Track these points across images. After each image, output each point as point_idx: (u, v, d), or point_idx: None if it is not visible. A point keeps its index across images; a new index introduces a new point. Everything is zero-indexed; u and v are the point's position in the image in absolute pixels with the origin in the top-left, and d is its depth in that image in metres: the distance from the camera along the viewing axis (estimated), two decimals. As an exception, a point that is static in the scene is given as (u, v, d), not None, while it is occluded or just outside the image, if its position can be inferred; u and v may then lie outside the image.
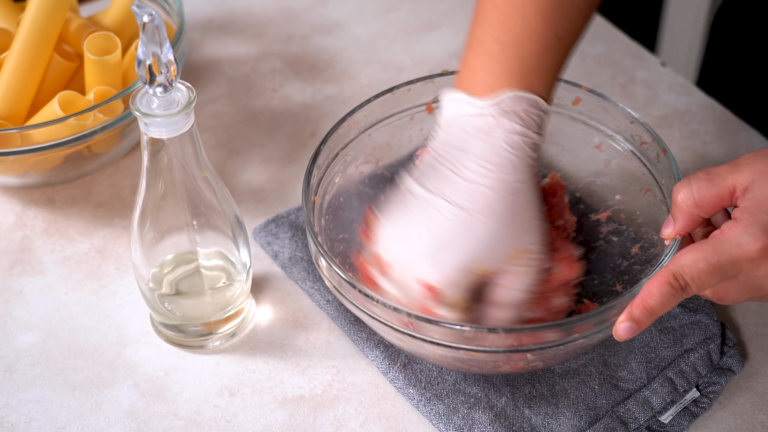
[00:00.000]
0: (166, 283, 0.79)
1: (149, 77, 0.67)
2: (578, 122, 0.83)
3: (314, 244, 0.72)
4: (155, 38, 0.65)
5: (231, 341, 0.81)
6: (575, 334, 0.67)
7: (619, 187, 0.83)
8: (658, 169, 0.78)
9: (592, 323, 0.67)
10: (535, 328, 0.67)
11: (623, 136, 0.81)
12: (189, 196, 0.74)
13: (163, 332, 0.81)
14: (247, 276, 0.80)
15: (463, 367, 0.74)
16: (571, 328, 0.67)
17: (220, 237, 0.77)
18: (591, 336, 0.68)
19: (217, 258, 0.79)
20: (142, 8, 0.64)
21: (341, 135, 0.81)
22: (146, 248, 0.76)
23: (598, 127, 0.82)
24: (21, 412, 0.77)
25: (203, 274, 0.79)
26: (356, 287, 0.69)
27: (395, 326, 0.69)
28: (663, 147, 0.77)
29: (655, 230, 0.78)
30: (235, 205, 0.77)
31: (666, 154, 0.76)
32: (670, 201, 0.75)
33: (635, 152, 0.80)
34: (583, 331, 0.68)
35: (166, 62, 0.66)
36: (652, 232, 0.78)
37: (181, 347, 0.81)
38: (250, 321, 0.83)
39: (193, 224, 0.76)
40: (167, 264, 0.79)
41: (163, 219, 0.75)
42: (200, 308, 0.79)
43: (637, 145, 0.80)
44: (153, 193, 0.73)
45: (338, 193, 0.82)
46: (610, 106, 0.81)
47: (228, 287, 0.79)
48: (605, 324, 0.68)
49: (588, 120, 0.83)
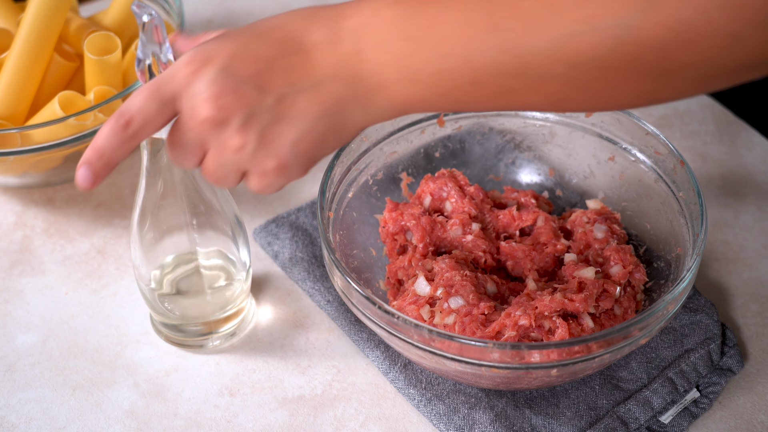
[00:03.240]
0: (166, 282, 0.79)
1: (149, 77, 0.67)
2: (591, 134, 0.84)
3: (331, 261, 0.72)
4: (154, 38, 0.65)
5: (231, 341, 0.81)
6: (600, 350, 0.68)
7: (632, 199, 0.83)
8: (675, 180, 0.78)
9: (615, 339, 0.68)
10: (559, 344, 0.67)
11: (638, 147, 0.81)
12: (188, 196, 0.74)
13: (163, 332, 0.81)
14: (247, 275, 0.80)
15: (484, 384, 0.74)
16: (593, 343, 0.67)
17: (219, 236, 0.77)
18: (615, 351, 0.68)
19: (217, 257, 0.79)
20: (142, 8, 0.64)
21: (353, 149, 0.81)
22: (146, 248, 0.76)
23: (612, 139, 0.83)
24: (21, 412, 0.77)
25: (203, 274, 0.79)
26: (376, 304, 0.69)
27: (416, 343, 0.69)
28: (680, 158, 0.77)
29: (672, 242, 0.78)
30: (234, 205, 0.77)
31: (683, 166, 0.77)
32: (688, 212, 0.75)
33: (649, 163, 0.81)
34: (606, 346, 0.68)
35: (166, 62, 0.66)
36: (670, 244, 0.79)
37: (181, 347, 0.81)
38: (251, 320, 0.83)
39: (192, 224, 0.76)
40: (167, 264, 0.79)
41: (162, 219, 0.75)
42: (200, 308, 0.79)
43: (652, 156, 0.80)
44: (152, 193, 0.73)
45: (351, 208, 0.82)
46: (623, 117, 0.81)
47: (228, 287, 0.79)
48: (630, 339, 0.68)
49: (602, 132, 0.83)
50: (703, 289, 0.84)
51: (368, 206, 0.84)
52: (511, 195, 0.84)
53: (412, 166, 0.86)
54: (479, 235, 0.79)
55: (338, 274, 0.72)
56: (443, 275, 0.75)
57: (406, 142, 0.85)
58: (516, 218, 0.81)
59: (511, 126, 0.87)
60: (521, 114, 0.86)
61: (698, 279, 0.85)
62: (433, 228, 0.80)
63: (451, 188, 0.81)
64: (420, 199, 0.83)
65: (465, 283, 0.73)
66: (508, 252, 0.79)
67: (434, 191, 0.82)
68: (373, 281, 0.81)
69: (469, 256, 0.78)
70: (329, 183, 0.78)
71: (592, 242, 0.79)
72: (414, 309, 0.74)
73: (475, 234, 0.79)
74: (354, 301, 0.72)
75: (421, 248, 0.79)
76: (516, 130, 0.87)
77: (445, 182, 0.82)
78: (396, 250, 0.81)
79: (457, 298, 0.73)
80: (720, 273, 0.85)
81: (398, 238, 0.80)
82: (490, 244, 0.79)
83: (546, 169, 0.88)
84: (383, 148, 0.84)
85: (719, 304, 0.83)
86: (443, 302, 0.73)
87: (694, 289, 0.82)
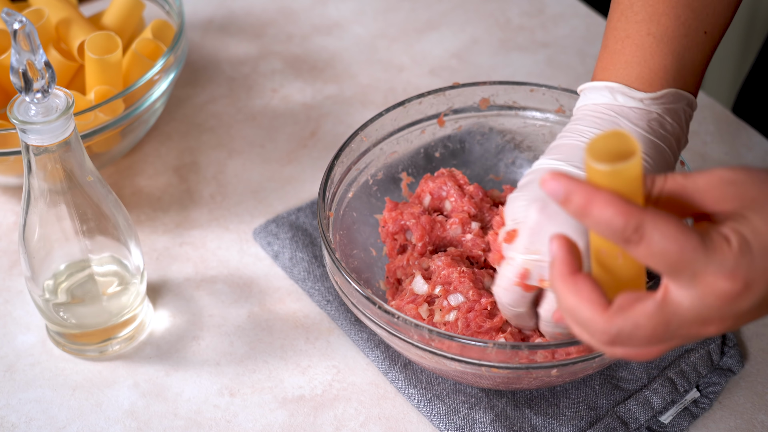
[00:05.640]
0: (61, 291, 0.78)
1: (25, 84, 0.66)
2: None
3: (332, 261, 0.72)
4: (28, 45, 0.65)
5: (131, 345, 0.81)
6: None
7: None
8: None
9: None
10: (559, 345, 0.67)
11: None
12: (75, 203, 0.73)
13: (59, 342, 0.81)
14: (142, 278, 0.80)
15: (484, 384, 0.74)
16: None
17: (110, 242, 0.77)
18: None
19: (111, 263, 0.79)
20: (12, 16, 0.63)
21: (353, 149, 0.81)
22: (37, 258, 0.75)
23: None
24: (21, 412, 0.77)
25: (97, 281, 0.79)
26: (376, 304, 0.69)
27: (416, 343, 0.69)
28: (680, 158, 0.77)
29: None
30: (123, 208, 0.77)
31: (683, 166, 0.77)
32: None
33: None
34: None
35: (41, 68, 0.66)
36: None
37: (79, 356, 0.80)
38: (148, 324, 0.82)
39: (82, 230, 0.75)
40: (60, 272, 0.78)
41: (51, 228, 0.74)
42: (97, 315, 0.78)
43: None
44: (39, 203, 0.73)
45: (351, 208, 0.82)
46: None
47: (123, 291, 0.79)
48: None
49: None
50: (703, 289, 0.84)
51: (368, 206, 0.84)
52: None
53: (412, 166, 0.86)
54: (479, 234, 0.79)
55: (338, 274, 0.72)
56: (440, 273, 0.75)
57: (406, 142, 0.85)
58: (515, 218, 0.81)
59: (511, 126, 0.87)
60: (521, 114, 0.86)
61: (698, 279, 0.85)
62: (432, 227, 0.80)
63: (451, 187, 0.81)
64: (419, 199, 0.83)
65: (463, 279, 0.73)
66: None
67: (434, 190, 0.82)
68: (373, 281, 0.81)
69: (465, 252, 0.78)
70: (329, 183, 0.78)
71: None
72: (412, 308, 0.74)
73: (474, 233, 0.79)
74: (354, 301, 0.72)
75: (420, 247, 0.79)
76: (516, 130, 0.87)
77: (444, 181, 0.82)
78: (396, 249, 0.81)
79: (457, 295, 0.73)
80: (720, 273, 0.85)
81: (398, 237, 0.80)
82: (490, 243, 0.79)
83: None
84: (383, 148, 0.84)
85: (719, 304, 0.83)
86: (442, 300, 0.73)
87: (694, 289, 0.82)
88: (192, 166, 0.97)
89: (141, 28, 1.01)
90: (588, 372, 0.71)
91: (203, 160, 0.97)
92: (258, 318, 0.83)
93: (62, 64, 0.92)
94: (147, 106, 0.89)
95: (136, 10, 0.98)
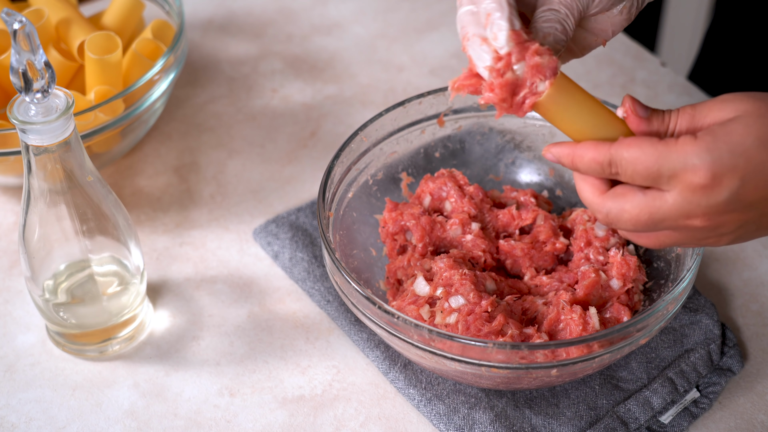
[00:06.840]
0: (61, 291, 0.78)
1: (25, 84, 0.66)
2: None
3: (332, 261, 0.72)
4: (28, 45, 0.65)
5: (131, 345, 0.81)
6: (600, 350, 0.68)
7: None
8: None
9: (615, 338, 0.68)
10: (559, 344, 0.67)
11: None
12: (75, 203, 0.73)
13: (59, 342, 0.81)
14: (142, 278, 0.80)
15: (484, 384, 0.74)
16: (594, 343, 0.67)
17: (110, 242, 0.77)
18: (615, 351, 0.68)
19: (111, 263, 0.79)
20: (11, 16, 0.63)
21: (353, 149, 0.81)
22: (37, 258, 0.75)
23: None
24: (21, 412, 0.77)
25: (97, 281, 0.79)
26: (376, 304, 0.69)
27: (416, 343, 0.69)
28: None
29: None
30: (123, 208, 0.77)
31: None
32: None
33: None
34: (607, 346, 0.68)
35: (41, 68, 0.66)
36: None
37: (79, 356, 0.80)
38: (148, 324, 0.82)
39: (82, 230, 0.75)
40: (60, 273, 0.78)
41: (50, 228, 0.74)
42: (97, 314, 0.78)
43: None
44: (39, 203, 0.73)
45: (351, 208, 0.82)
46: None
47: (123, 291, 0.79)
48: (630, 339, 0.68)
49: None
50: (703, 289, 0.84)
51: (368, 206, 0.84)
52: (511, 194, 0.84)
53: (412, 166, 0.86)
54: (479, 234, 0.79)
55: (338, 274, 0.72)
56: (442, 275, 0.75)
57: (406, 142, 0.85)
58: (515, 217, 0.81)
59: (511, 126, 0.87)
60: None
61: (698, 279, 0.85)
62: (432, 228, 0.80)
63: (451, 188, 0.81)
64: (419, 199, 0.83)
65: (464, 281, 0.73)
66: (507, 250, 0.79)
67: (434, 191, 0.82)
68: (373, 281, 0.81)
69: (467, 254, 0.78)
70: (329, 183, 0.78)
71: (592, 240, 0.79)
72: (414, 309, 0.74)
73: (474, 233, 0.79)
74: (354, 301, 0.72)
75: (421, 248, 0.79)
76: (516, 130, 0.87)
77: (444, 182, 0.82)
78: (396, 250, 0.81)
79: (458, 297, 0.73)
80: (720, 273, 0.86)
81: (398, 238, 0.80)
82: (490, 244, 0.79)
83: (546, 169, 0.88)
84: (383, 148, 0.84)
85: (719, 304, 0.83)
86: (443, 302, 0.73)
87: (694, 289, 0.82)
88: (192, 166, 0.97)
89: (141, 28, 1.01)
90: (588, 372, 0.71)
91: (203, 160, 0.97)
92: (258, 318, 0.83)
93: (62, 64, 0.92)
94: (147, 106, 0.89)
95: (136, 10, 0.98)
